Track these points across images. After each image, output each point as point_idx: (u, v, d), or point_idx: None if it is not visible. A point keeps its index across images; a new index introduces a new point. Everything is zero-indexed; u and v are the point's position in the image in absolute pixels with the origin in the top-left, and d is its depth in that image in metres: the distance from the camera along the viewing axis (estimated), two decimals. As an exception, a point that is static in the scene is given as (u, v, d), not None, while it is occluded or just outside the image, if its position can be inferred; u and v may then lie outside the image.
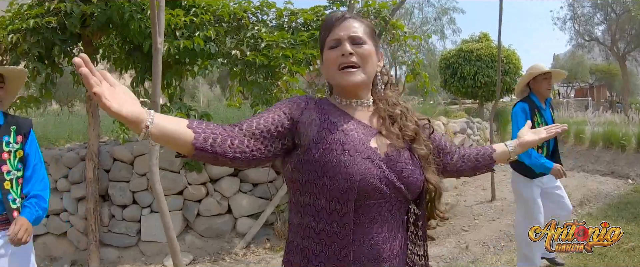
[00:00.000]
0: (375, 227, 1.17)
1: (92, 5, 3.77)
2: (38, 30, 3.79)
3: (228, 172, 4.97)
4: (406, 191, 1.19)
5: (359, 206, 1.14)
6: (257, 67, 4.36)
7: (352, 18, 1.27)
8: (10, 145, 2.26)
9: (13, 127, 2.29)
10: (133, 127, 0.95)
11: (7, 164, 2.22)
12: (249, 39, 4.43)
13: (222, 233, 4.92)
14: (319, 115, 1.21)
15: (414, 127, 1.26)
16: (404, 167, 1.19)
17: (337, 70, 1.22)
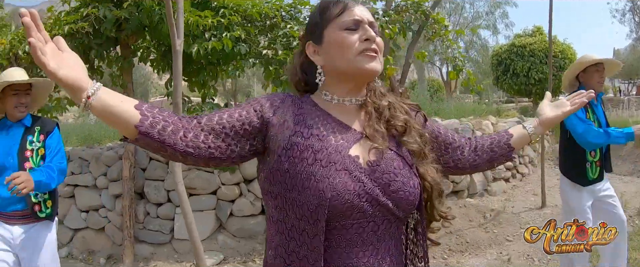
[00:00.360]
0: (355, 251, 1.00)
1: (124, 10, 3.87)
2: (75, 35, 3.95)
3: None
4: (394, 207, 1.00)
5: (334, 227, 0.98)
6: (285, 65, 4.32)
7: (364, 5, 1.13)
8: (33, 143, 2.45)
9: (38, 127, 2.50)
10: (72, 95, 0.88)
11: (29, 161, 2.42)
12: (281, 38, 4.39)
13: (254, 234, 4.92)
14: (294, 116, 1.05)
15: (404, 117, 1.09)
16: (393, 179, 1.00)
17: (357, 55, 1.04)
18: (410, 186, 1.02)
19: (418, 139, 1.09)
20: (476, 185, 5.71)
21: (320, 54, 1.10)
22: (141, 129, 0.91)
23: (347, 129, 1.05)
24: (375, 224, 1.00)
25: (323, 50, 1.09)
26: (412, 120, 1.12)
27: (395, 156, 1.04)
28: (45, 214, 2.44)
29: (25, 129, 2.47)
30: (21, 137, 2.45)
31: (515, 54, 11.76)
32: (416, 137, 1.09)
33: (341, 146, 1.00)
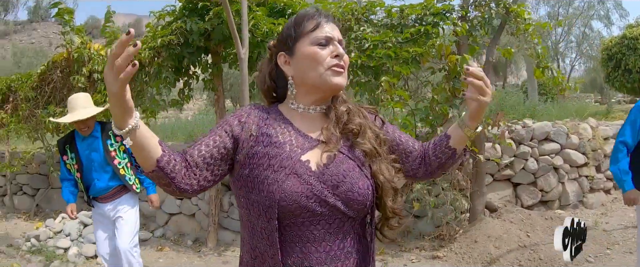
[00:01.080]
0: (308, 246, 1.10)
1: (207, 23, 4.36)
2: (168, 46, 4.56)
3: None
4: (344, 207, 1.09)
5: (287, 225, 1.09)
6: (361, 68, 4.46)
7: (333, 22, 1.22)
8: (113, 145, 3.24)
9: (110, 131, 3.17)
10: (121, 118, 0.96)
11: (116, 158, 3.24)
12: (354, 41, 4.55)
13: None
14: (258, 127, 1.16)
15: (358, 120, 1.18)
16: (341, 180, 1.09)
17: (326, 69, 1.14)
18: (359, 186, 1.10)
19: (372, 141, 1.17)
20: (569, 195, 5.25)
21: (291, 65, 1.18)
22: (160, 164, 1.03)
23: (305, 136, 1.16)
24: (326, 223, 1.09)
25: (294, 62, 1.17)
26: (367, 122, 1.20)
27: (346, 159, 1.13)
28: (139, 189, 3.37)
29: (100, 137, 3.23)
30: (102, 144, 3.23)
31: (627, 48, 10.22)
32: (371, 139, 1.17)
33: (294, 153, 1.11)
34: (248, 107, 1.22)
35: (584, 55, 23.20)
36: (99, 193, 3.27)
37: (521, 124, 5.40)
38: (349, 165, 1.12)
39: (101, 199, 3.29)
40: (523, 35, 4.61)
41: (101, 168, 3.23)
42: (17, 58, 31.81)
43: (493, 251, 4.13)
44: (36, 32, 51.67)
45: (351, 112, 1.19)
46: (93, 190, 3.28)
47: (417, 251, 4.58)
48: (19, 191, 7.80)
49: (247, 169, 1.11)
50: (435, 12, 4.43)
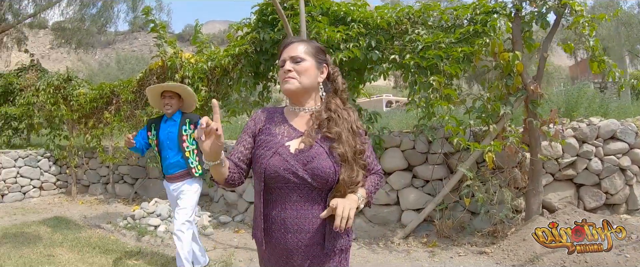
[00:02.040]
0: (284, 205, 1.64)
1: (278, 33, 5.02)
2: (246, 54, 5.31)
3: (400, 167, 5.60)
4: (311, 179, 1.61)
5: (271, 188, 1.66)
6: (414, 69, 4.84)
7: (297, 42, 1.74)
8: (187, 131, 3.99)
9: (187, 119, 4.02)
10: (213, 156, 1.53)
11: (186, 142, 3.98)
12: (408, 43, 4.95)
13: (387, 222, 5.62)
14: (263, 123, 1.76)
15: (336, 130, 1.65)
16: (310, 160, 1.61)
17: (282, 81, 1.72)
18: (323, 166, 1.61)
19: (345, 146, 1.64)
20: (637, 199, 5.07)
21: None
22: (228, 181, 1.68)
23: (294, 130, 1.72)
24: (299, 190, 1.64)
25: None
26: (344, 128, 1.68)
27: (319, 147, 1.64)
28: (198, 174, 4.00)
29: (179, 122, 3.99)
30: (178, 127, 3.97)
31: None
32: (345, 143, 1.64)
33: (281, 140, 1.68)
34: (259, 111, 1.83)
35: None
36: (168, 171, 4.01)
37: (586, 122, 5.32)
38: (319, 151, 1.64)
39: (169, 178, 4.03)
40: (576, 29, 4.66)
41: (174, 147, 3.96)
42: (121, 65, 35.42)
43: (539, 250, 4.24)
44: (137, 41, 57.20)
45: (331, 121, 1.68)
46: (165, 166, 4.04)
47: (468, 245, 4.83)
48: (120, 180, 9.19)
49: (256, 150, 1.71)
50: (486, 11, 4.68)
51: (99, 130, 8.79)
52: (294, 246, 1.65)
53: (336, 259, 1.72)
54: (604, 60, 4.66)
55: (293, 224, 1.64)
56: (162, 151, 4.05)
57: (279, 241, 1.67)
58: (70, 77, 9.53)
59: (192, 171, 3.97)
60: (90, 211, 7.86)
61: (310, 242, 1.65)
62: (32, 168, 9.56)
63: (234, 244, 5.39)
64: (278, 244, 1.68)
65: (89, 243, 5.47)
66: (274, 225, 1.67)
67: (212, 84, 6.41)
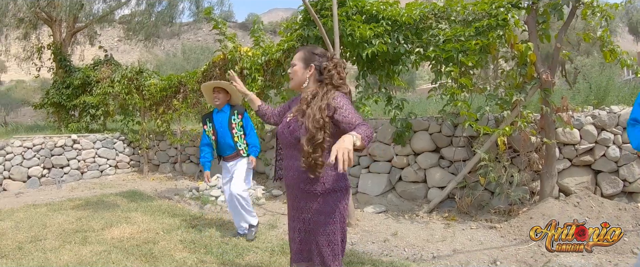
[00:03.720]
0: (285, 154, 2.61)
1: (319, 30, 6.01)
2: (294, 49, 6.36)
3: (428, 149, 6.46)
4: (289, 137, 2.49)
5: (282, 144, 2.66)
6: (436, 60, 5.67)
7: (298, 52, 2.64)
8: (235, 120, 5.09)
9: (236, 111, 5.11)
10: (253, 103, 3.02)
11: (234, 129, 5.08)
12: (432, 38, 5.77)
13: (415, 197, 6.50)
14: (288, 106, 2.80)
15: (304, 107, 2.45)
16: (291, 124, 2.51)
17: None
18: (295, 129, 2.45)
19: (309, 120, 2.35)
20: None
21: None
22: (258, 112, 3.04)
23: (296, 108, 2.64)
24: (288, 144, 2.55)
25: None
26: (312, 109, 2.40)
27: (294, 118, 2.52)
28: (246, 153, 5.11)
29: (229, 113, 5.09)
30: (228, 117, 5.07)
31: None
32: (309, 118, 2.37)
33: (286, 115, 2.68)
34: (291, 99, 2.84)
35: None
36: (225, 153, 5.13)
37: (607, 110, 5.67)
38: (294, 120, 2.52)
39: (226, 158, 5.14)
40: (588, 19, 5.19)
41: (226, 134, 5.03)
42: (187, 55, 37.65)
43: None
44: (202, 31, 60.27)
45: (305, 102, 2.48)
46: (221, 150, 5.13)
47: (483, 221, 5.56)
48: (187, 159, 10.71)
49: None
50: (500, 5, 5.38)
51: (168, 116, 10.25)
52: (289, 182, 2.59)
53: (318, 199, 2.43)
54: (614, 49, 5.17)
55: (286, 168, 2.60)
56: (219, 138, 5.10)
57: (284, 178, 2.67)
58: (141, 70, 11.08)
59: (240, 151, 5.06)
60: (160, 186, 9.31)
61: (293, 182, 2.54)
62: (109, 149, 11.23)
63: (281, 212, 6.50)
64: (284, 180, 2.67)
65: (160, 209, 6.76)
66: (281, 170, 2.74)
67: (268, 74, 7.55)
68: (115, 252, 4.63)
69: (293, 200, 2.58)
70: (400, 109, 6.28)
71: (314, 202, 2.44)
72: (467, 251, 4.55)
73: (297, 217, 2.55)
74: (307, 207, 2.48)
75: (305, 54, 2.59)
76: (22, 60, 17.30)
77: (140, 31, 17.27)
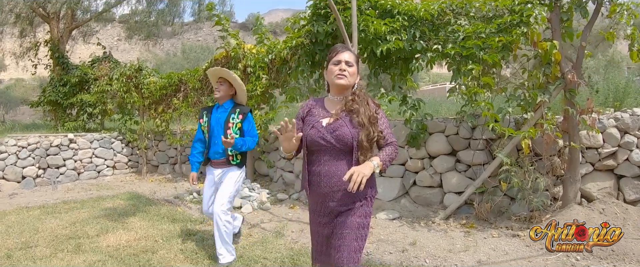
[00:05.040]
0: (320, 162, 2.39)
1: (329, 25, 5.57)
2: (302, 45, 5.91)
3: (444, 152, 6.04)
4: (336, 142, 2.33)
5: (314, 151, 2.40)
6: (456, 58, 5.24)
7: (349, 51, 2.46)
8: (234, 119, 4.21)
9: (237, 109, 4.25)
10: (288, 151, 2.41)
11: (230, 129, 4.19)
12: (450, 34, 5.35)
13: (430, 203, 6.06)
14: (309, 109, 2.51)
15: (357, 106, 2.37)
16: (336, 129, 2.33)
17: (334, 76, 2.41)
18: (345, 133, 2.32)
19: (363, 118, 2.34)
20: None
21: (326, 74, 2.49)
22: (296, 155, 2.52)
23: (327, 111, 2.45)
24: (329, 151, 2.36)
25: (327, 73, 2.48)
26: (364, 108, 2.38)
27: (343, 122, 2.36)
28: (235, 162, 4.21)
29: (229, 110, 4.24)
30: (227, 114, 4.22)
31: None
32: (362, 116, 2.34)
33: (317, 118, 2.43)
34: (309, 100, 2.58)
35: None
36: (214, 156, 4.24)
37: (630, 112, 5.36)
38: (343, 124, 2.35)
39: (214, 163, 4.26)
40: (615, 17, 4.84)
41: (220, 134, 4.16)
42: (186, 54, 37.22)
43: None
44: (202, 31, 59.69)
45: (355, 101, 2.39)
46: (212, 151, 4.23)
47: (504, 228, 5.14)
48: (187, 160, 10.19)
49: (304, 128, 2.46)
50: (524, 1, 4.98)
51: (167, 115, 9.79)
52: (326, 190, 2.38)
53: (358, 203, 2.39)
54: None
55: (325, 174, 2.38)
56: (212, 137, 4.25)
57: (316, 187, 2.41)
58: (141, 68, 10.61)
59: (229, 158, 4.17)
60: (159, 188, 8.84)
61: (337, 188, 2.36)
62: (106, 149, 10.75)
63: (288, 218, 6.05)
64: (316, 190, 2.42)
65: (159, 213, 6.31)
66: (314, 177, 2.43)
67: (272, 72, 7.11)
68: (111, 263, 4.17)
69: (325, 207, 2.44)
70: (415, 109, 5.84)
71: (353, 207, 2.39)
72: (493, 263, 4.14)
73: (328, 224, 2.46)
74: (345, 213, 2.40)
75: (356, 58, 2.49)
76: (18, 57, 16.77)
77: (141, 30, 16.82)
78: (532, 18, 4.89)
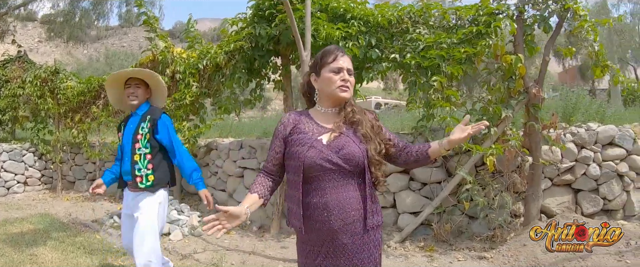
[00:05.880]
0: (324, 190, 1.83)
1: (275, 28, 4.81)
2: (241, 50, 5.09)
3: (397, 170, 5.43)
4: (344, 163, 1.83)
5: (310, 177, 1.85)
6: (414, 69, 4.68)
7: (346, 56, 1.97)
8: (144, 129, 3.19)
9: (149, 116, 3.22)
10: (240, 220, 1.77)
11: (139, 143, 3.19)
12: (409, 43, 4.79)
13: (383, 225, 5.43)
14: (293, 125, 1.95)
15: (358, 117, 1.92)
16: (342, 147, 1.84)
17: (336, 88, 1.90)
18: (353, 150, 1.84)
19: (368, 128, 1.91)
20: (634, 206, 4.94)
21: (317, 82, 1.97)
22: (265, 204, 1.94)
23: (321, 126, 1.94)
24: (334, 175, 1.84)
25: (319, 81, 1.96)
26: (365, 117, 1.96)
27: (346, 137, 1.88)
28: (145, 185, 3.16)
29: (140, 117, 3.24)
30: (137, 124, 3.22)
31: None
32: (366, 127, 1.92)
33: (313, 136, 1.89)
34: (288, 114, 2.02)
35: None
36: (124, 177, 3.26)
37: (585, 127, 5.22)
38: (348, 139, 1.87)
39: (129, 185, 3.26)
40: (580, 33, 4.56)
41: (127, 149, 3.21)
42: (110, 60, 34.94)
43: (540, 256, 4.13)
44: (127, 37, 56.28)
45: (354, 112, 1.94)
46: (122, 171, 3.27)
47: (467, 250, 4.68)
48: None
49: (288, 148, 1.91)
50: (489, 12, 4.55)
51: (85, 125, 8.51)
52: (338, 225, 1.83)
53: (373, 233, 1.90)
54: (607, 65, 4.55)
55: (335, 205, 1.82)
56: (123, 154, 3.27)
57: (323, 223, 1.83)
58: (58, 70, 9.22)
59: (137, 179, 3.15)
60: (76, 208, 7.58)
61: (352, 220, 1.84)
62: (17, 163, 9.25)
63: (225, 246, 5.18)
64: (322, 227, 1.84)
65: (74, 242, 5.24)
66: (315, 210, 1.84)
67: (204, 80, 6.18)
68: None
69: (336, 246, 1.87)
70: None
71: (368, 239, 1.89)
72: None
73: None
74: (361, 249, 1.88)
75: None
76: None
77: (63, 31, 15.07)
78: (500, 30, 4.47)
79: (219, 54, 5.38)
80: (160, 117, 3.24)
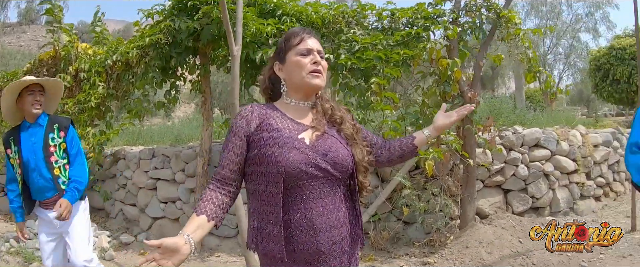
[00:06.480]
0: (308, 204, 1.42)
1: (196, 22, 4.26)
2: (156, 45, 4.45)
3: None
4: (332, 169, 1.45)
5: (291, 187, 1.41)
6: (350, 70, 4.37)
7: (314, 37, 1.58)
8: (55, 140, 2.94)
9: (56, 125, 2.96)
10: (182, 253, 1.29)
11: (54, 155, 2.92)
12: (344, 43, 4.48)
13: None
14: (261, 120, 1.49)
15: (340, 114, 1.59)
16: (329, 150, 1.46)
17: (307, 74, 1.50)
18: (341, 154, 1.48)
19: (350, 128, 1.58)
20: (560, 202, 5.16)
21: (283, 71, 1.56)
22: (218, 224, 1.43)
23: (297, 123, 1.51)
24: (320, 183, 1.44)
25: (285, 68, 1.55)
26: (346, 116, 1.62)
27: (332, 138, 1.51)
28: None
29: (45, 128, 2.93)
30: (44, 135, 2.92)
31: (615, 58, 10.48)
32: (350, 127, 1.58)
33: (292, 134, 1.46)
34: (249, 106, 1.54)
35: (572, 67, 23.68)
36: (44, 195, 2.95)
37: (512, 130, 5.33)
38: (334, 140, 1.51)
39: (44, 204, 2.97)
40: (513, 41, 4.57)
41: (41, 164, 2.91)
42: (5, 60, 31.37)
43: (485, 257, 4.07)
44: (25, 35, 50.97)
45: (334, 108, 1.60)
46: (34, 190, 2.95)
47: (407, 257, 4.49)
48: (0, 192, 7.56)
49: (255, 150, 1.45)
50: (426, 16, 4.39)
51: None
52: (326, 246, 1.45)
53: (357, 252, 1.61)
54: (540, 71, 4.60)
55: (322, 222, 1.44)
56: (27, 173, 2.94)
57: (307, 245, 1.44)
58: None
59: (63, 192, 2.91)
60: (-40, 231, 6.36)
61: (340, 238, 1.49)
62: None
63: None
64: (307, 250, 1.44)
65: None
66: (297, 230, 1.44)
67: (111, 79, 5.38)
68: None
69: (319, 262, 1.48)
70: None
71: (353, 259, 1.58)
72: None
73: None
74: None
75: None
76: None
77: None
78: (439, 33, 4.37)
79: (130, 50, 4.62)
80: (69, 126, 3.03)
